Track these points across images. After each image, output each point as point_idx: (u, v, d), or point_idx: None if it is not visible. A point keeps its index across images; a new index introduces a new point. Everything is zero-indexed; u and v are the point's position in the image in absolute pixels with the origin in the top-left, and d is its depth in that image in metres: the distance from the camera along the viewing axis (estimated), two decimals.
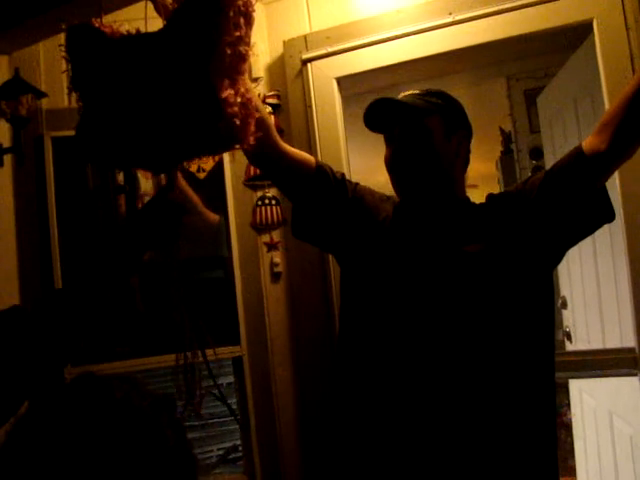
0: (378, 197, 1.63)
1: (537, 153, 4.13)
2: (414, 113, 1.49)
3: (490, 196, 1.60)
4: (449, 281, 1.44)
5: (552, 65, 2.86)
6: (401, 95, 1.56)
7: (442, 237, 1.50)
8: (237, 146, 1.12)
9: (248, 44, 1.09)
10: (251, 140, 1.11)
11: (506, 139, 4.69)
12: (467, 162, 1.60)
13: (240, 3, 1.06)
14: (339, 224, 1.57)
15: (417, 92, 1.56)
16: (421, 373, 1.42)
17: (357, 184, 1.63)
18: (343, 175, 1.61)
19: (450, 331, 1.42)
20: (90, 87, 1.08)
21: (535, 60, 3.07)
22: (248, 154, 1.34)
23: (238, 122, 1.07)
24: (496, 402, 1.41)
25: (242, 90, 1.09)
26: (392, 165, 1.55)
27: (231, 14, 1.05)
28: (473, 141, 1.63)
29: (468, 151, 1.60)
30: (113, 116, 1.05)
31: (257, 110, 1.19)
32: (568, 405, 2.73)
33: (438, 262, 1.46)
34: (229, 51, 1.05)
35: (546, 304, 1.51)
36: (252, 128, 1.10)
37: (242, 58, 1.09)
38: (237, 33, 1.06)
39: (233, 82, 1.07)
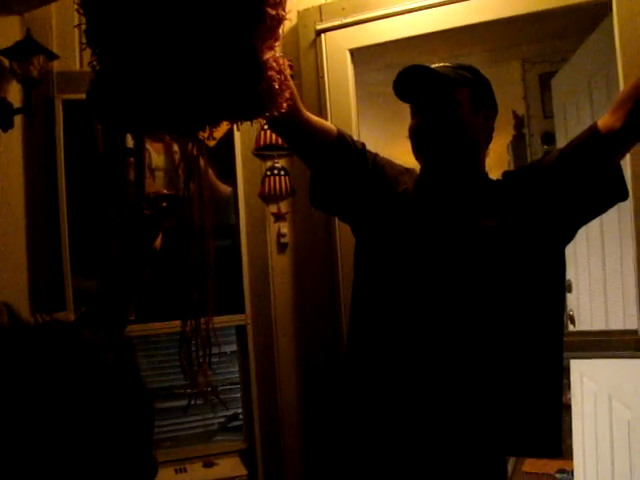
0: (397, 169, 1.63)
1: (549, 138, 4.10)
2: (444, 83, 1.49)
3: (506, 173, 1.60)
4: (466, 254, 1.45)
5: (568, 49, 2.83)
6: (433, 65, 1.55)
7: (461, 210, 1.50)
8: (270, 112, 1.09)
9: (284, 8, 1.07)
10: (285, 106, 1.10)
11: (519, 123, 4.66)
12: (490, 139, 1.61)
13: None
14: (358, 194, 1.57)
15: (448, 64, 1.55)
16: (435, 345, 1.43)
17: (377, 155, 1.62)
18: (364, 145, 1.60)
19: (464, 303, 1.43)
20: (110, 41, 1.05)
21: (551, 43, 3.05)
22: (269, 120, 1.32)
23: (277, 86, 1.05)
24: (507, 374, 1.42)
25: (277, 55, 1.08)
26: (418, 134, 1.55)
27: None
28: None
29: (492, 129, 1.60)
30: (136, 74, 1.02)
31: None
32: (568, 386, 2.73)
33: (456, 235, 1.47)
34: (272, 12, 1.03)
35: (558, 280, 1.52)
36: (287, 94, 1.09)
37: (279, 22, 1.07)
38: None
39: (270, 46, 1.06)
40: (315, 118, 1.50)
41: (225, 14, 1.00)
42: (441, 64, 1.56)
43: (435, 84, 1.50)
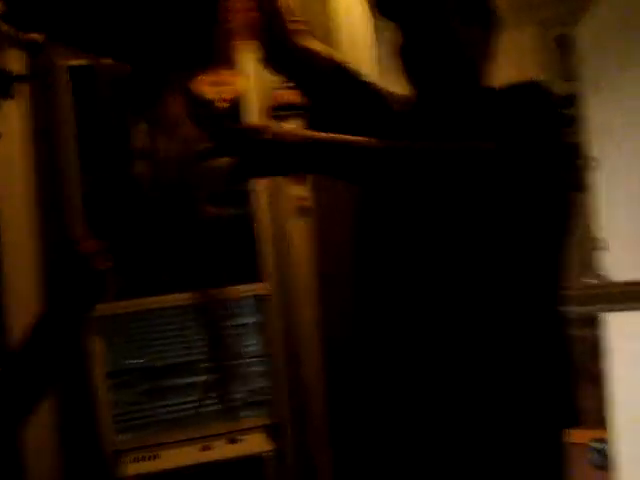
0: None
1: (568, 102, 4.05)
2: None
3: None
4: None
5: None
6: None
7: (455, 133, 1.37)
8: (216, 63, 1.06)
9: None
10: (224, 61, 1.07)
11: None
12: (492, 55, 1.47)
13: None
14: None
15: None
16: None
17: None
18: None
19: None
20: None
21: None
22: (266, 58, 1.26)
23: (218, 33, 1.03)
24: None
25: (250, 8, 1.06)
26: (406, 52, 1.44)
27: None
28: None
29: (495, 39, 1.47)
30: None
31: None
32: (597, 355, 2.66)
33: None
34: None
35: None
36: (231, 51, 1.06)
37: None
38: None
39: None
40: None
41: None
42: None
43: None
